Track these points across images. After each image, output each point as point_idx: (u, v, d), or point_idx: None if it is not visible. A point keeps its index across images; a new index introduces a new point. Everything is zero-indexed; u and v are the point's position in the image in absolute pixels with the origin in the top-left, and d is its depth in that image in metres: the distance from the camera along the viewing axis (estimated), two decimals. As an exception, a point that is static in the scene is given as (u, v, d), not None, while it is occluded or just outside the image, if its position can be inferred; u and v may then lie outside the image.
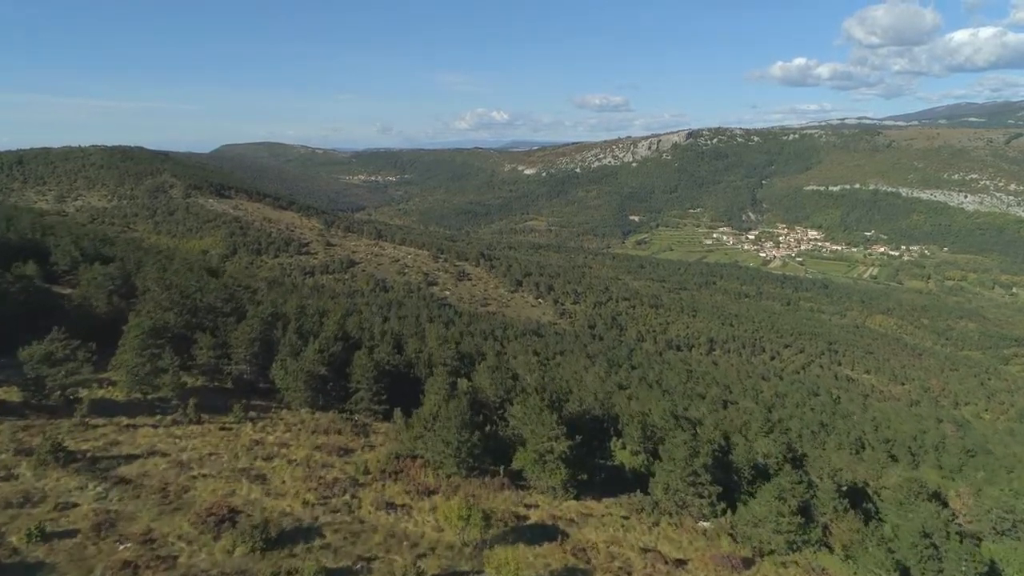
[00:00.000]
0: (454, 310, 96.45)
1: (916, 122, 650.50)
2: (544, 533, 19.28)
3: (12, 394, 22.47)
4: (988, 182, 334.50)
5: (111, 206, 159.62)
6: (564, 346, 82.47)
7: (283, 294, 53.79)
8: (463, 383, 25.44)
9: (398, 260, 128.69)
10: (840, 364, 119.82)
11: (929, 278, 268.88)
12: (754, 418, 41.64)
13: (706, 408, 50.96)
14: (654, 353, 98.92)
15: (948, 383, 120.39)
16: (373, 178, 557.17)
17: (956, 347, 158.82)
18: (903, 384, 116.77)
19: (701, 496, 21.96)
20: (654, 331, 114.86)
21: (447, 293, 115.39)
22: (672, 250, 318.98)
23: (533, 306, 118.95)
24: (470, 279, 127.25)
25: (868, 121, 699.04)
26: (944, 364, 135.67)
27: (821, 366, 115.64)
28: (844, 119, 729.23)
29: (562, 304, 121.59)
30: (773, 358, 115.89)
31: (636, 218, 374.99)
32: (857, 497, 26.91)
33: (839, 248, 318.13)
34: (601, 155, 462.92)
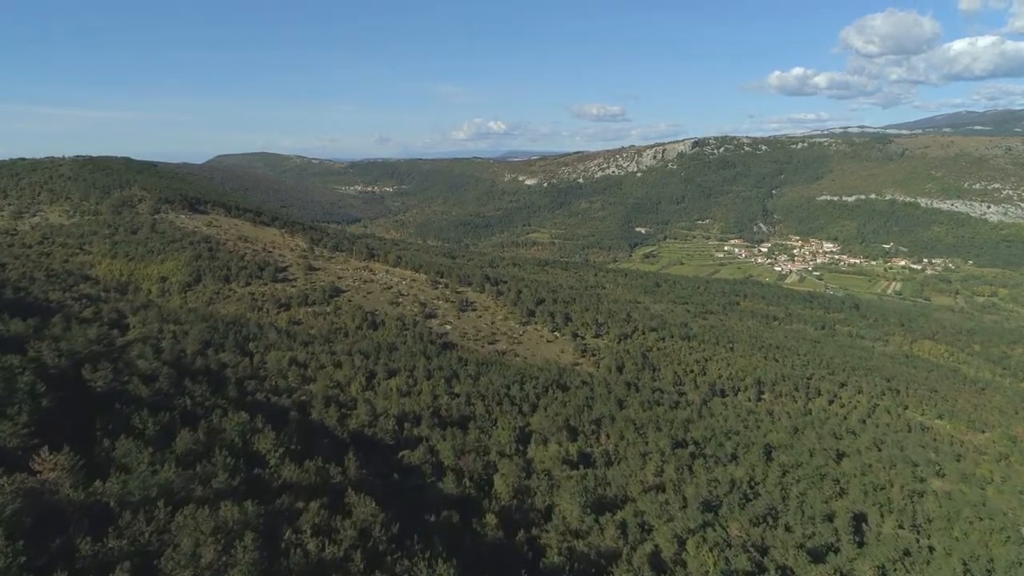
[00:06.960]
0: (457, 354, 79.34)
1: (920, 130, 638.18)
2: None
3: None
4: (1012, 191, 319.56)
5: (70, 223, 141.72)
6: (599, 408, 65.17)
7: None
8: None
9: (391, 287, 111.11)
10: (906, 407, 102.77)
11: (957, 293, 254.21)
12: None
13: (867, 567, 33.87)
14: (700, 404, 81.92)
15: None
16: (370, 189, 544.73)
17: (1016, 378, 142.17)
18: (983, 432, 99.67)
19: None
20: (692, 371, 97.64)
21: (448, 328, 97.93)
22: (683, 264, 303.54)
23: (549, 341, 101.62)
24: (474, 309, 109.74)
25: (870, 129, 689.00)
26: (1016, 402, 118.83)
27: (887, 411, 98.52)
28: (846, 127, 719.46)
29: (582, 338, 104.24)
30: (831, 402, 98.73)
31: (643, 230, 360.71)
32: None
33: (857, 261, 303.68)
34: (604, 164, 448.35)
